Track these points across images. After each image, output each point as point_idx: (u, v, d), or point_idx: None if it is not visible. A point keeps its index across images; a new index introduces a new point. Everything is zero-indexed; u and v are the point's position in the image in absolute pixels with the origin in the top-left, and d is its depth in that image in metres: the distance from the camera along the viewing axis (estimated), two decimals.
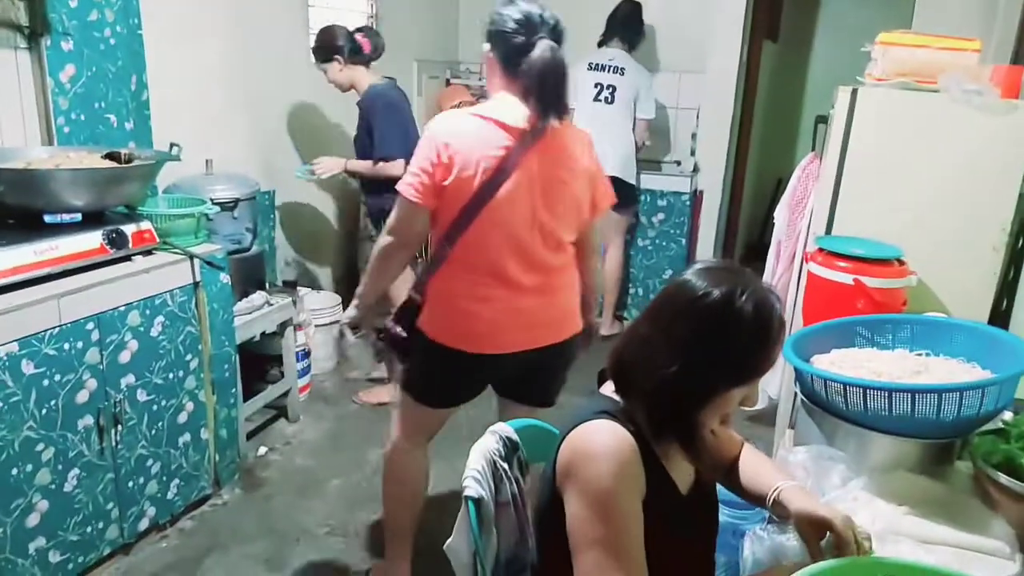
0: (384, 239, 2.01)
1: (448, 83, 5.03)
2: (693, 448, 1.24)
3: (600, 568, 1.15)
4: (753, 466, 1.43)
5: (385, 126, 3.20)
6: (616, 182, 4.19)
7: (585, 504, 1.17)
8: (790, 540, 1.35)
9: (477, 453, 1.43)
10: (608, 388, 1.31)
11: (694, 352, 1.17)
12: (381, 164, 3.22)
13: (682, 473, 1.31)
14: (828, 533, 1.22)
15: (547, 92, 1.85)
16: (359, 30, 3.32)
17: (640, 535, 1.17)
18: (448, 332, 2.00)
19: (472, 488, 1.35)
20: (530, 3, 1.91)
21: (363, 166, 3.31)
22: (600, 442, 1.18)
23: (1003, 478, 1.32)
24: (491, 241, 1.91)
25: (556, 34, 1.89)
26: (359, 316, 2.16)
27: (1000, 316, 2.36)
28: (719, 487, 1.47)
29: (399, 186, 1.92)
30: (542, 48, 1.83)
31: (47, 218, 2.19)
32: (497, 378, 2.18)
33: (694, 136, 4.71)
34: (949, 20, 3.45)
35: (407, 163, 1.98)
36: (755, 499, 1.40)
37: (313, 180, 3.49)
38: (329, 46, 3.25)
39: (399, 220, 1.96)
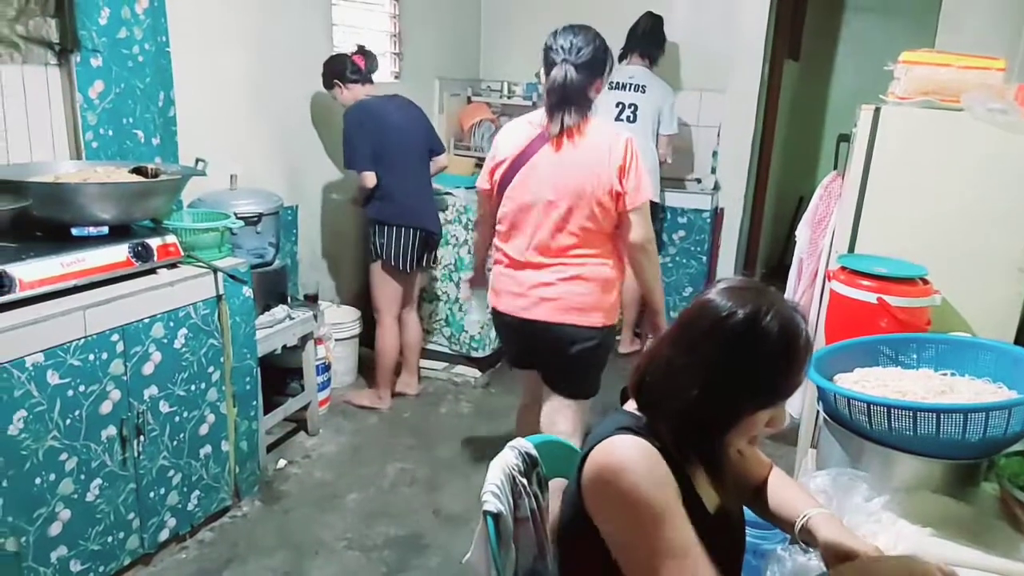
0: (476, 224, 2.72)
1: (469, 100, 5.07)
2: (717, 472, 1.22)
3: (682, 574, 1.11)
4: (781, 490, 1.42)
5: (347, 144, 3.36)
6: None
7: (630, 517, 1.14)
8: (811, 560, 1.34)
9: (496, 468, 1.42)
10: (631, 406, 1.29)
11: (718, 374, 1.15)
12: (359, 190, 3.43)
13: (709, 492, 1.28)
14: None
15: (555, 102, 2.28)
16: (355, 52, 3.46)
17: (691, 528, 1.14)
18: (490, 289, 2.52)
19: (491, 503, 1.35)
20: (567, 33, 2.38)
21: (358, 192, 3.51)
22: (627, 453, 1.16)
23: None
24: (507, 217, 2.37)
25: (576, 59, 2.29)
26: (476, 274, 2.81)
27: None
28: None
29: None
30: (557, 69, 2.29)
31: (75, 231, 2.22)
32: (513, 341, 2.53)
33: (715, 154, 4.71)
34: (972, 39, 3.43)
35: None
36: (783, 524, 1.38)
37: None
38: (330, 73, 3.42)
39: (477, 200, 2.61)
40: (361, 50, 3.48)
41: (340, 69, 3.39)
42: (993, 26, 3.63)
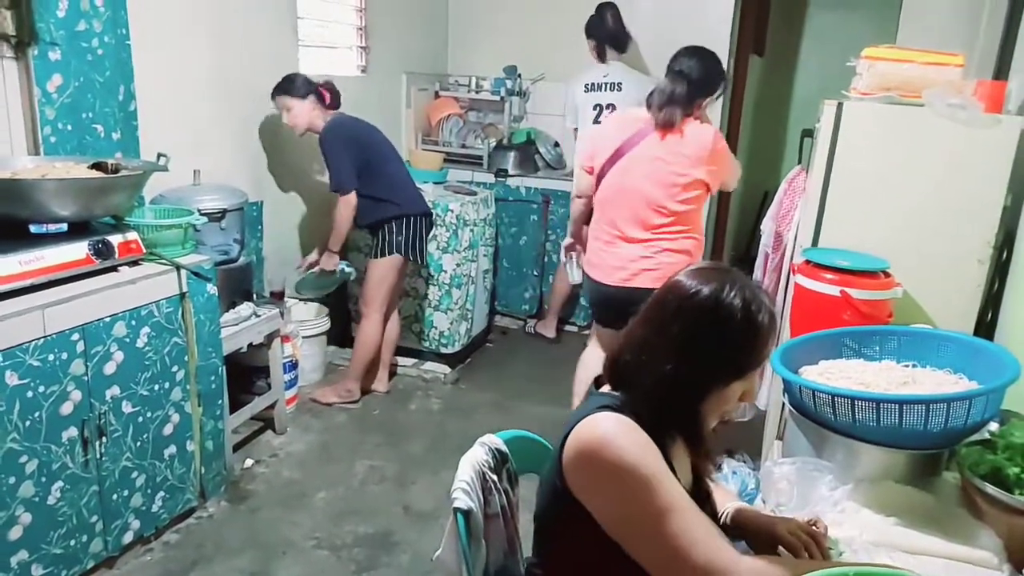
0: (573, 198, 3.03)
1: (437, 95, 5.05)
2: (697, 440, 1.27)
3: (684, 531, 1.12)
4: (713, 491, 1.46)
5: (337, 162, 3.34)
6: None
7: (622, 486, 1.16)
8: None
9: (466, 465, 1.42)
10: (606, 389, 1.33)
11: (690, 348, 1.21)
12: (337, 211, 3.40)
13: (684, 471, 1.32)
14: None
15: (663, 102, 2.67)
16: (322, 84, 3.44)
17: (685, 493, 1.17)
18: (587, 262, 2.94)
19: (461, 500, 1.35)
20: (683, 56, 2.75)
21: (337, 236, 3.48)
22: (608, 426, 1.19)
23: (990, 488, 1.33)
24: (609, 197, 2.77)
25: (675, 73, 2.71)
26: (571, 241, 3.14)
27: (985, 327, 2.38)
28: None
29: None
30: (672, 78, 2.71)
31: (33, 228, 2.17)
32: (608, 306, 2.85)
33: None
34: (933, 35, 3.49)
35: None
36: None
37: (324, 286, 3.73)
38: (307, 85, 3.36)
39: (575, 180, 3.06)
40: (328, 86, 3.46)
41: (312, 87, 3.36)
42: (953, 22, 3.69)
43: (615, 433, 1.18)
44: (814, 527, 1.31)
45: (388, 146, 3.53)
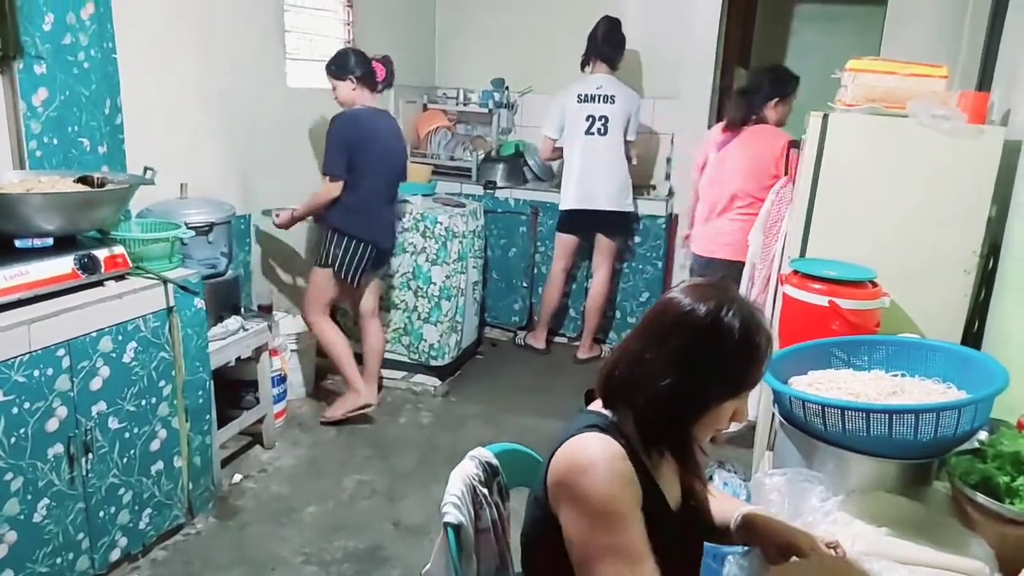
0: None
1: (425, 108, 5.05)
2: (687, 458, 1.26)
3: None
4: (716, 499, 1.47)
5: (333, 150, 3.32)
6: (610, 214, 4.22)
7: (586, 514, 1.16)
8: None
9: (456, 479, 1.41)
10: (596, 406, 1.32)
11: (686, 365, 1.19)
12: (322, 190, 3.36)
13: (672, 489, 1.32)
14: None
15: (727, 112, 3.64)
16: (378, 58, 3.45)
17: (645, 536, 1.17)
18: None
19: (451, 514, 1.34)
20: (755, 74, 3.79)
21: (306, 208, 3.45)
22: (593, 451, 1.19)
23: (981, 498, 1.33)
24: (704, 186, 3.72)
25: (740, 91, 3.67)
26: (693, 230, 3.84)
27: (972, 336, 2.39)
28: None
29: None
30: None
31: (18, 243, 2.15)
32: (697, 272, 3.78)
33: (669, 160, 4.76)
34: (916, 47, 3.53)
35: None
36: (722, 532, 1.42)
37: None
38: (343, 65, 3.37)
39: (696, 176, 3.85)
40: (384, 59, 3.46)
41: (357, 66, 3.35)
42: (935, 34, 3.73)
43: (598, 459, 1.18)
44: (835, 550, 1.30)
45: (384, 167, 3.45)
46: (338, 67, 3.38)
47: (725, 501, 1.46)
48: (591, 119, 4.20)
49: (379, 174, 3.42)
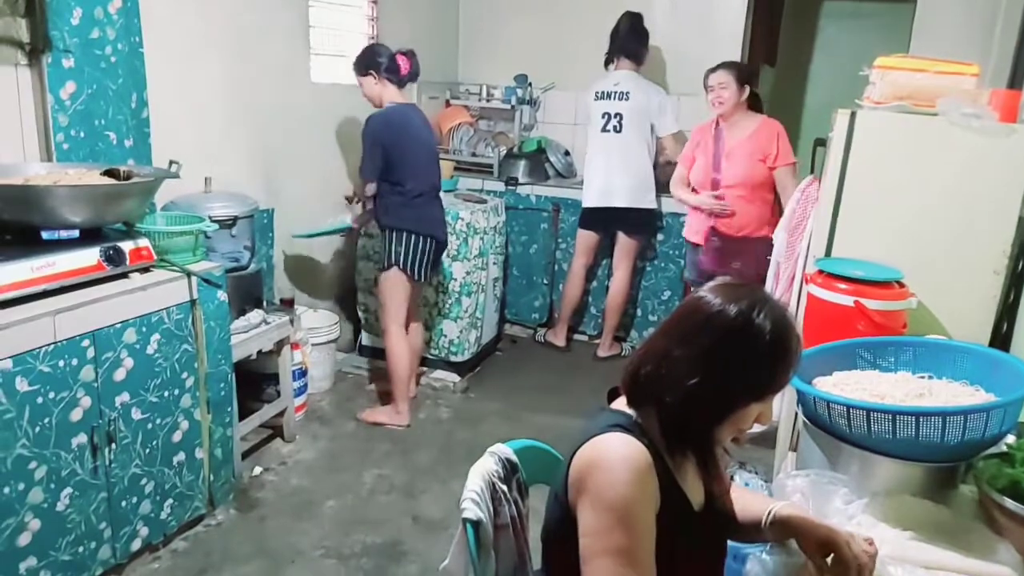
0: None
1: (448, 104, 5.05)
2: (709, 461, 1.25)
3: None
4: (743, 495, 1.45)
5: (367, 152, 3.32)
6: (629, 211, 4.20)
7: (599, 512, 1.16)
8: (792, 558, 1.34)
9: (476, 475, 1.41)
10: (619, 404, 1.31)
11: (714, 364, 1.18)
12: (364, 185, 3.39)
13: (695, 490, 1.31)
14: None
15: None
16: (401, 51, 3.44)
17: (652, 546, 1.16)
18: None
19: (471, 510, 1.34)
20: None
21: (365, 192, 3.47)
22: (614, 451, 1.18)
23: (1009, 503, 1.30)
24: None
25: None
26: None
27: (1000, 339, 2.35)
28: None
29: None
30: None
31: (45, 234, 2.18)
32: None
33: None
34: (946, 45, 3.47)
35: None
36: (749, 529, 1.40)
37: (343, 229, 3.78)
38: (368, 60, 3.37)
39: None
40: (408, 53, 3.46)
41: (380, 61, 3.35)
42: (966, 31, 3.67)
43: (619, 459, 1.17)
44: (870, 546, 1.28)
45: (424, 161, 3.45)
46: (362, 63, 3.38)
47: (751, 498, 1.44)
48: (607, 116, 4.19)
49: (420, 168, 3.42)
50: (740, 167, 3.59)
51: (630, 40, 4.20)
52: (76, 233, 2.23)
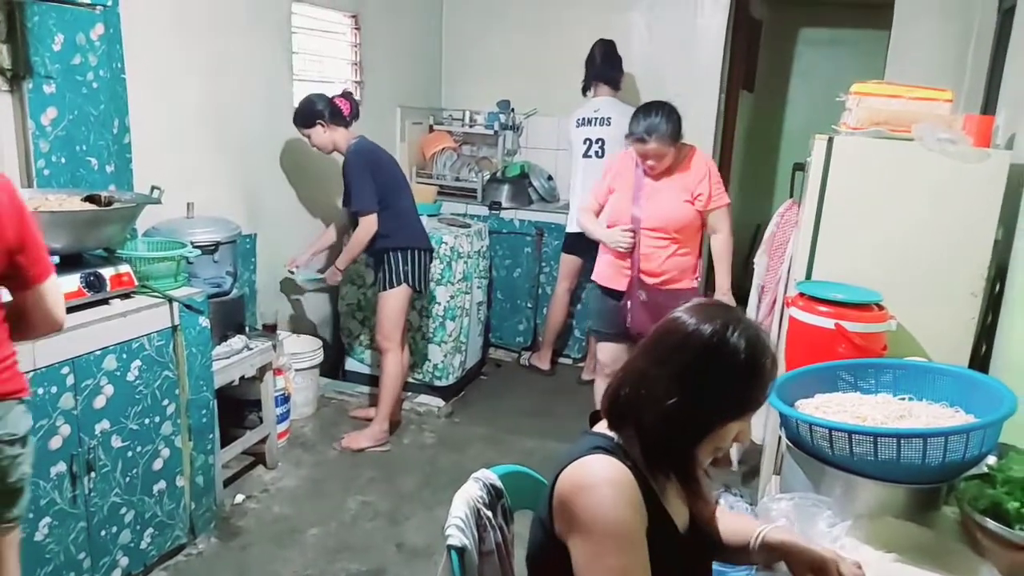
0: None
1: (431, 129, 5.08)
2: (690, 482, 1.25)
3: None
4: (728, 517, 1.45)
5: (358, 185, 3.36)
6: None
7: (591, 536, 1.16)
8: None
9: (460, 501, 1.40)
10: (600, 427, 1.31)
11: (691, 384, 1.19)
12: (358, 231, 3.40)
13: (679, 512, 1.31)
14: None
15: None
16: (339, 95, 3.47)
17: (647, 562, 1.16)
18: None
19: (455, 537, 1.32)
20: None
21: (348, 255, 3.51)
22: (598, 473, 1.18)
23: (991, 524, 1.32)
24: None
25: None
26: None
27: (979, 360, 2.38)
28: None
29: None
30: None
31: None
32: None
33: None
34: (920, 71, 3.54)
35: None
36: (735, 551, 1.40)
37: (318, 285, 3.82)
38: (311, 112, 3.39)
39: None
40: (346, 95, 3.49)
41: (320, 110, 3.38)
42: (939, 58, 3.75)
43: (603, 481, 1.17)
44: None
45: (403, 179, 3.57)
46: (305, 116, 3.41)
47: (737, 520, 1.44)
48: (588, 142, 4.23)
49: (401, 185, 3.53)
50: (664, 206, 3.05)
51: (606, 67, 4.26)
52: (56, 259, 2.20)
